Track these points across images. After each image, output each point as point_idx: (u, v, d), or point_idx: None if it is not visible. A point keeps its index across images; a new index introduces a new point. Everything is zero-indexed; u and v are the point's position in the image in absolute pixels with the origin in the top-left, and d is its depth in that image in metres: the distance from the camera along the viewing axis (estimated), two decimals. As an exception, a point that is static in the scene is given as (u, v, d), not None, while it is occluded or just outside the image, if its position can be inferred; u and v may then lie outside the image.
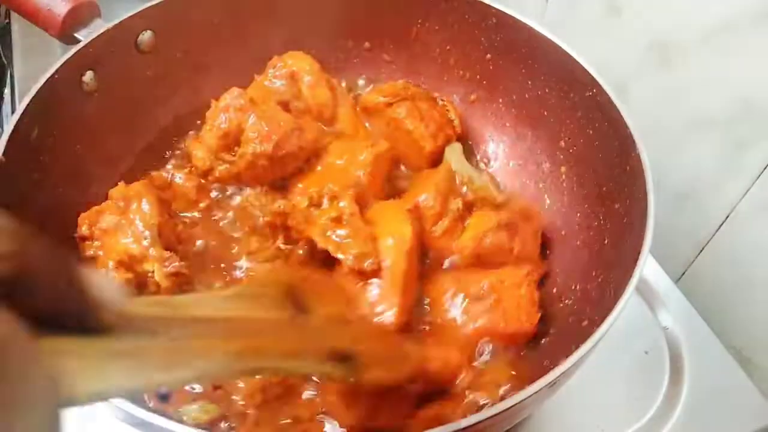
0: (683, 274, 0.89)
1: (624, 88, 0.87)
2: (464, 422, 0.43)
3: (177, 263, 0.61)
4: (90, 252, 0.61)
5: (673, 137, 0.83)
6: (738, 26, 0.71)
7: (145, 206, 0.63)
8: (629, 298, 0.51)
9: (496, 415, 0.44)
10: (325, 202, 0.66)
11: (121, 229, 0.61)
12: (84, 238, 0.62)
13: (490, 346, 0.64)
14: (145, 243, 0.60)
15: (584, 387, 0.70)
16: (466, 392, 0.59)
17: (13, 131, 0.58)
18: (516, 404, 0.45)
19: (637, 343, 0.76)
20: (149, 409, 0.44)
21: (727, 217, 0.80)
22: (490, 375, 0.61)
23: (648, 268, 0.82)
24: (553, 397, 0.69)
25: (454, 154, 0.78)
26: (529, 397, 0.45)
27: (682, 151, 0.83)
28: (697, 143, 0.81)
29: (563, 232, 0.75)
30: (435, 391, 0.59)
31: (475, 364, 0.62)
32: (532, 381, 0.46)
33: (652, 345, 0.76)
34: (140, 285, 0.60)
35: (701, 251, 0.85)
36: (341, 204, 0.65)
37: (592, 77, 0.69)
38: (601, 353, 0.71)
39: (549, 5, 0.98)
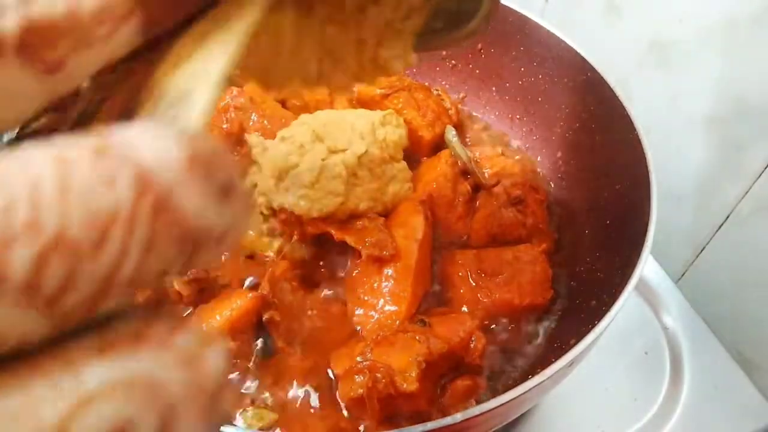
0: (683, 274, 0.89)
1: (624, 87, 0.87)
2: (493, 402, 0.44)
3: (194, 269, 0.61)
4: None
5: (673, 137, 0.83)
6: (738, 26, 0.71)
7: None
8: (641, 271, 0.51)
9: (523, 394, 0.44)
10: None
11: None
12: None
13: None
14: None
15: (584, 387, 0.70)
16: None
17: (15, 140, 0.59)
18: (539, 384, 0.45)
19: (637, 343, 0.76)
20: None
21: (727, 217, 0.80)
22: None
23: (648, 268, 0.82)
24: (553, 397, 0.69)
25: (452, 138, 0.79)
26: (550, 377, 0.46)
27: (682, 151, 0.83)
28: (697, 143, 0.81)
29: (564, 216, 0.75)
30: (454, 366, 0.59)
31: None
32: (544, 362, 0.45)
33: (653, 345, 0.76)
34: (161, 297, 0.59)
35: (701, 251, 0.85)
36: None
37: (586, 61, 0.70)
38: (602, 353, 0.72)
39: (548, 5, 0.98)
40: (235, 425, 0.55)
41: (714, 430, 0.69)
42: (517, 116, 0.84)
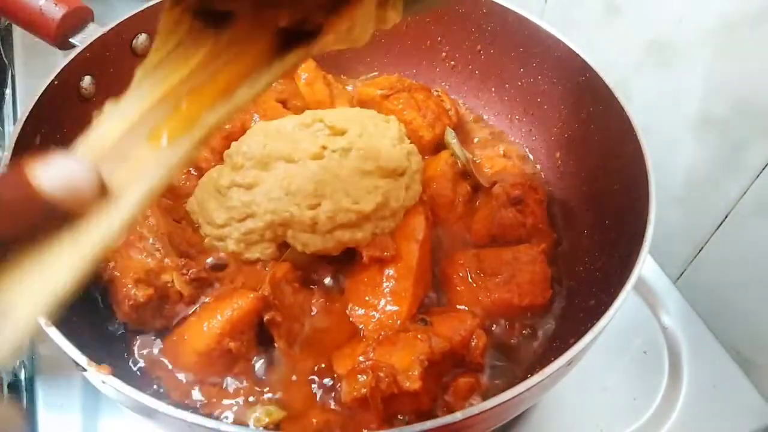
0: (682, 273, 0.89)
1: (624, 87, 0.87)
2: (493, 401, 0.44)
3: (194, 268, 0.61)
4: (106, 275, 0.60)
5: (673, 137, 0.83)
6: (738, 26, 0.71)
7: (151, 217, 0.62)
8: (640, 270, 0.52)
9: (522, 392, 0.45)
10: None
11: (131, 245, 0.60)
12: None
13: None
14: (159, 255, 0.60)
15: (584, 387, 0.71)
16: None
17: (17, 140, 0.59)
18: (538, 383, 0.45)
19: (636, 342, 0.76)
20: (157, 397, 0.44)
21: (727, 217, 0.80)
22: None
23: (647, 267, 0.82)
24: (552, 396, 0.69)
25: (451, 140, 0.79)
26: (549, 376, 0.46)
27: (681, 150, 0.83)
28: (697, 143, 0.81)
29: (564, 216, 0.76)
30: (456, 364, 0.60)
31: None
32: (543, 361, 0.45)
33: (652, 345, 0.76)
34: (162, 297, 0.59)
35: (700, 251, 0.85)
36: None
37: (585, 62, 0.70)
38: (601, 353, 0.72)
39: (548, 5, 0.98)
40: (243, 425, 0.55)
41: (712, 429, 0.70)
42: (517, 116, 0.84)
